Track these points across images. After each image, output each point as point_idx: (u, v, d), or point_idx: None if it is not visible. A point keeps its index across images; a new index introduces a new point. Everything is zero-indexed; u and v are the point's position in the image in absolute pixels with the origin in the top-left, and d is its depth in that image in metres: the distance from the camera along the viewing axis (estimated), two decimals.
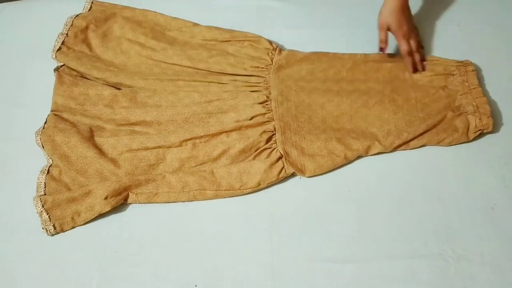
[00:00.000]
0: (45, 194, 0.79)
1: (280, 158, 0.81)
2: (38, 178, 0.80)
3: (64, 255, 0.75)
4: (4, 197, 0.81)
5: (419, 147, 0.83)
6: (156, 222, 0.78)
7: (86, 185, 0.80)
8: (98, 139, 0.84)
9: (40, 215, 0.77)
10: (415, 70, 0.91)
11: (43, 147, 0.83)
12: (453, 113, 0.84)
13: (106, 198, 0.77)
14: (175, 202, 0.79)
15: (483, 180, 0.81)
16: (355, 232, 0.76)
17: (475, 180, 0.81)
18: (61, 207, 0.77)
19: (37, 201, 0.77)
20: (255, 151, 0.82)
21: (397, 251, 0.74)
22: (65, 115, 0.87)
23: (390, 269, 0.73)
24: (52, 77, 0.92)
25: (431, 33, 0.99)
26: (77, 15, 1.00)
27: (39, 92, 0.92)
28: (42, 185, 0.80)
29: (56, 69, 0.93)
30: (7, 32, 1.04)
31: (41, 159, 0.83)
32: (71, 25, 0.98)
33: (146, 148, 0.83)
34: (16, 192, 0.81)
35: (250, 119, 0.85)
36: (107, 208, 0.77)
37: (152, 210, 0.79)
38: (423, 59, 0.92)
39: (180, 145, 0.83)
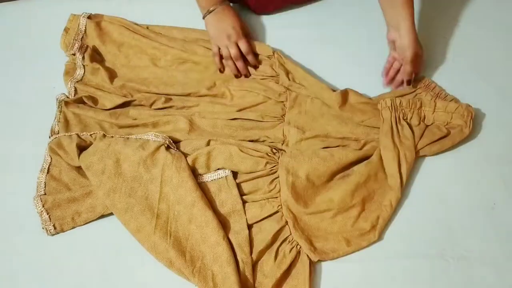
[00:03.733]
0: (45, 194, 0.79)
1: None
2: (38, 178, 0.80)
3: (64, 255, 0.75)
4: (4, 197, 0.81)
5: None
6: None
7: (86, 185, 0.79)
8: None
9: (40, 215, 0.77)
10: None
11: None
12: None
13: None
14: None
15: (483, 180, 0.81)
16: None
17: (475, 180, 0.81)
18: (62, 207, 0.77)
19: (37, 200, 0.77)
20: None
21: (397, 251, 0.74)
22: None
23: (390, 269, 0.73)
24: (51, 77, 0.92)
25: (431, 33, 0.99)
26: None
27: (39, 92, 0.92)
28: (42, 185, 0.80)
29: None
30: (7, 32, 1.04)
31: (41, 159, 0.83)
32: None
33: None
34: (16, 192, 0.81)
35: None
36: (109, 210, 0.77)
37: None
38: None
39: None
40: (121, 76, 0.94)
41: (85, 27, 0.97)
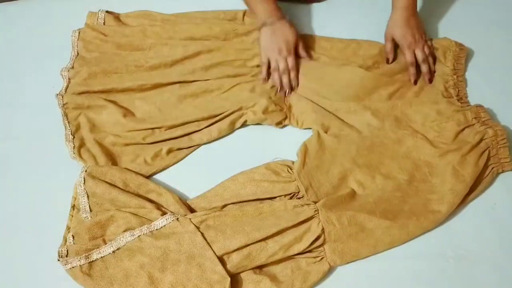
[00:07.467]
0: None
1: None
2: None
3: None
4: (4, 197, 0.81)
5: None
6: None
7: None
8: None
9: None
10: (416, 82, 0.89)
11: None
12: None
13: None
14: None
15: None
16: None
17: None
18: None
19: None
20: None
21: (397, 251, 0.74)
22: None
23: (390, 269, 0.73)
24: (52, 77, 0.92)
25: (431, 33, 0.99)
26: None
27: (39, 92, 0.92)
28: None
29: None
30: (7, 32, 1.04)
31: (40, 159, 0.83)
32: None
33: None
34: (16, 192, 0.81)
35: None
36: None
37: None
38: (432, 70, 0.90)
39: None
40: (149, 57, 0.93)
41: (104, 20, 0.98)
